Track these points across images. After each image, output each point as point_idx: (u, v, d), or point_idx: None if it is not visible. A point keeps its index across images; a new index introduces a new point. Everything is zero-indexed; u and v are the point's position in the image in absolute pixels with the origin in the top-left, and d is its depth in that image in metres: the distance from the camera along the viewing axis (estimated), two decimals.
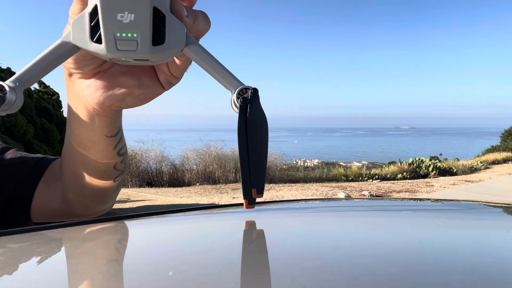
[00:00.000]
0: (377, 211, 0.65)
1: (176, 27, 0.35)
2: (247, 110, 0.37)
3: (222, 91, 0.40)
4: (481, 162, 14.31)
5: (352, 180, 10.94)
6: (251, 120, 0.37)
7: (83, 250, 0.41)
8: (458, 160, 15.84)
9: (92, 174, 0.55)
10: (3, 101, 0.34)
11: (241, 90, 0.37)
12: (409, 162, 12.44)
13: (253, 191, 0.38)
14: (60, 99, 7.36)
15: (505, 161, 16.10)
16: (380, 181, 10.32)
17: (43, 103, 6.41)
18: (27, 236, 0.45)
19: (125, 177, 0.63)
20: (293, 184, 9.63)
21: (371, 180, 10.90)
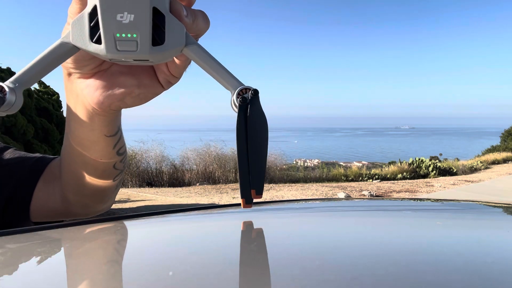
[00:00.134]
0: (377, 211, 0.65)
1: (175, 27, 0.35)
2: (247, 110, 0.37)
3: (222, 91, 0.40)
4: (481, 162, 14.31)
5: (352, 180, 10.94)
6: (251, 121, 0.37)
7: (83, 250, 0.41)
8: (458, 160, 15.84)
9: (92, 173, 0.55)
10: (2, 102, 0.33)
11: (241, 90, 0.37)
12: (409, 162, 12.44)
13: (252, 192, 0.38)
14: (60, 99, 7.35)
15: (505, 161, 16.10)
16: (380, 181, 10.31)
17: (43, 103, 6.40)
18: (27, 236, 0.45)
19: (124, 176, 0.63)
20: (293, 184, 9.63)
21: (371, 180, 10.90)
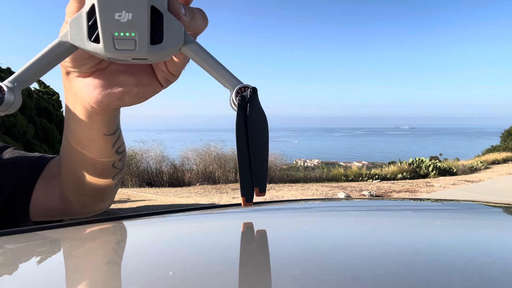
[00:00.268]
0: (377, 211, 0.65)
1: (174, 25, 0.35)
2: (246, 109, 0.37)
3: (222, 91, 0.40)
4: (481, 162, 14.31)
5: (352, 180, 10.94)
6: (251, 119, 0.37)
7: (83, 250, 0.41)
8: (458, 160, 15.83)
9: (91, 172, 0.55)
10: (1, 101, 0.33)
11: (240, 89, 0.37)
12: (409, 162, 12.44)
13: (256, 189, 0.38)
14: (60, 99, 7.35)
15: (505, 161, 16.10)
16: (380, 181, 10.31)
17: (43, 103, 6.40)
18: (27, 236, 0.45)
19: (123, 175, 0.63)
20: (293, 184, 9.63)
21: (371, 180, 10.89)
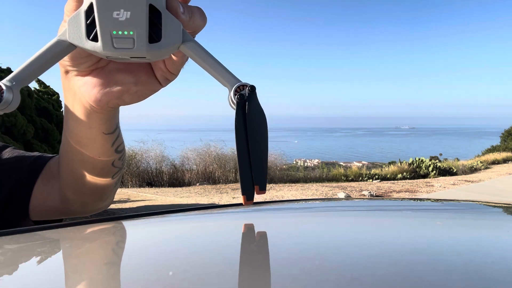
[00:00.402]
0: (377, 211, 0.65)
1: (172, 24, 0.35)
2: (245, 107, 0.37)
3: (222, 90, 0.40)
4: (481, 162, 14.31)
5: (352, 180, 10.94)
6: (250, 117, 0.37)
7: (83, 250, 0.41)
8: (458, 160, 15.83)
9: (90, 171, 0.55)
10: (0, 100, 0.33)
11: (238, 87, 0.37)
12: (409, 162, 12.44)
13: (256, 187, 0.38)
14: (60, 99, 7.35)
15: (505, 161, 16.10)
16: (380, 181, 10.31)
17: (43, 103, 6.40)
18: (27, 236, 0.45)
19: (123, 174, 0.63)
20: (293, 184, 9.63)
21: (371, 180, 10.89)
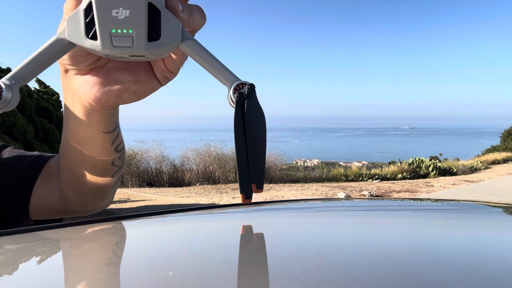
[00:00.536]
0: (377, 211, 0.65)
1: (171, 22, 0.35)
2: (244, 106, 0.37)
3: (222, 90, 0.40)
4: (481, 162, 14.30)
5: (352, 180, 10.94)
6: (248, 116, 0.37)
7: (83, 250, 0.41)
8: (458, 160, 15.83)
9: (90, 171, 0.55)
10: None
11: (238, 86, 0.37)
12: (409, 162, 12.44)
13: (253, 186, 0.38)
14: (60, 99, 7.34)
15: (505, 161, 16.09)
16: (380, 181, 10.31)
17: (43, 103, 6.40)
18: (27, 236, 0.45)
19: (123, 175, 0.63)
20: (293, 184, 9.63)
21: (371, 180, 10.89)
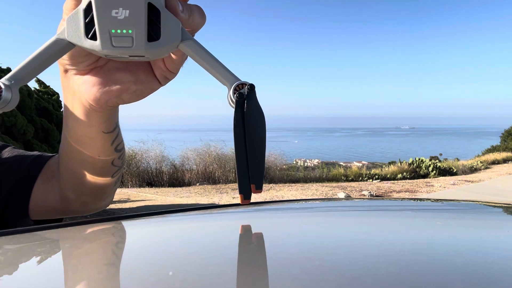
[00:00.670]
0: (377, 211, 0.65)
1: (171, 22, 0.35)
2: (244, 106, 0.37)
3: (222, 90, 0.40)
4: (481, 162, 14.30)
5: (352, 180, 10.94)
6: (248, 116, 0.37)
7: (83, 250, 0.41)
8: (458, 160, 15.83)
9: (90, 171, 0.55)
10: None
11: (237, 86, 0.37)
12: (409, 162, 12.44)
13: (252, 186, 0.38)
14: (60, 99, 7.34)
15: (505, 161, 16.09)
16: (380, 181, 10.31)
17: (43, 103, 6.40)
18: (26, 236, 0.45)
19: (123, 175, 0.63)
20: (293, 184, 9.63)
21: (371, 180, 10.89)
